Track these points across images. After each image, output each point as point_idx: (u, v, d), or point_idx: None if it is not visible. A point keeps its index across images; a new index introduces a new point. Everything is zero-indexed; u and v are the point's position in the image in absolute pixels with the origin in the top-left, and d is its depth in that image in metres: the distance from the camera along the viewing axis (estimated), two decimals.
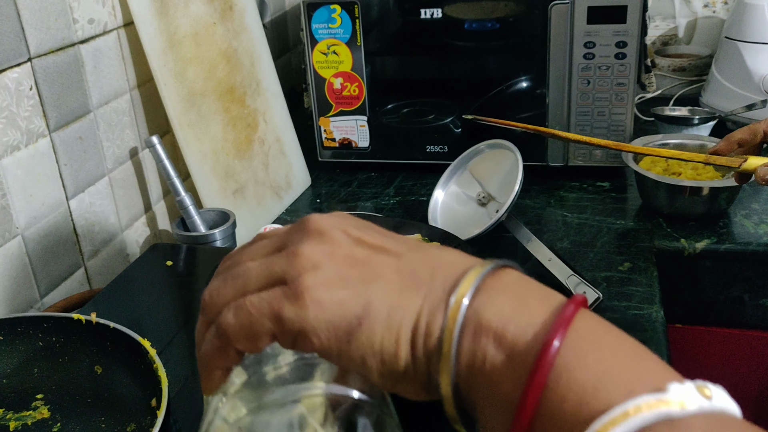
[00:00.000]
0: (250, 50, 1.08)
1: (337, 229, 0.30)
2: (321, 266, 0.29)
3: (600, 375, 0.25)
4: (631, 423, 0.24)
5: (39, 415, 0.56)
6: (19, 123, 0.74)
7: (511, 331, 0.27)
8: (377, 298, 0.28)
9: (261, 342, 0.30)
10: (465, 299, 0.28)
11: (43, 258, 0.78)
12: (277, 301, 0.29)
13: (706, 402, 0.25)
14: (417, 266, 0.30)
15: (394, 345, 0.28)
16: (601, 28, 1.05)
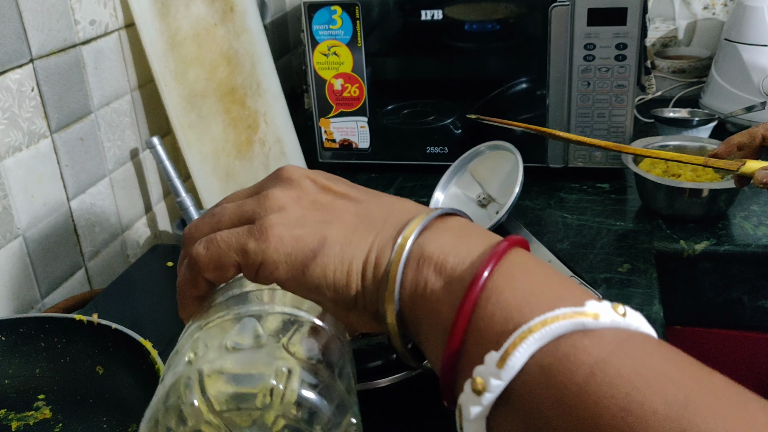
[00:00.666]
0: (250, 51, 1.09)
1: (306, 178, 0.35)
2: (286, 208, 0.33)
3: (526, 295, 0.28)
4: (547, 330, 0.26)
5: (41, 416, 0.56)
6: (21, 124, 0.74)
7: (451, 262, 0.30)
8: (333, 236, 0.32)
9: (227, 272, 0.33)
10: (412, 236, 0.31)
11: (44, 258, 0.78)
12: (243, 236, 0.32)
13: (620, 318, 0.27)
14: (374, 210, 0.33)
15: (346, 276, 0.31)
16: (601, 30, 1.05)
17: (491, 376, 0.26)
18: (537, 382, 0.26)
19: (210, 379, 0.28)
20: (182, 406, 0.28)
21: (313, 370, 0.30)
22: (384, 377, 0.64)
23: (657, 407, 0.23)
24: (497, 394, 0.26)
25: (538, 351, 0.26)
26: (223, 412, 0.28)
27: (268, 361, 0.29)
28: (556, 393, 0.25)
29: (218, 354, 0.30)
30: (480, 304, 0.28)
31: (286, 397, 0.28)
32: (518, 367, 0.26)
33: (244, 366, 0.29)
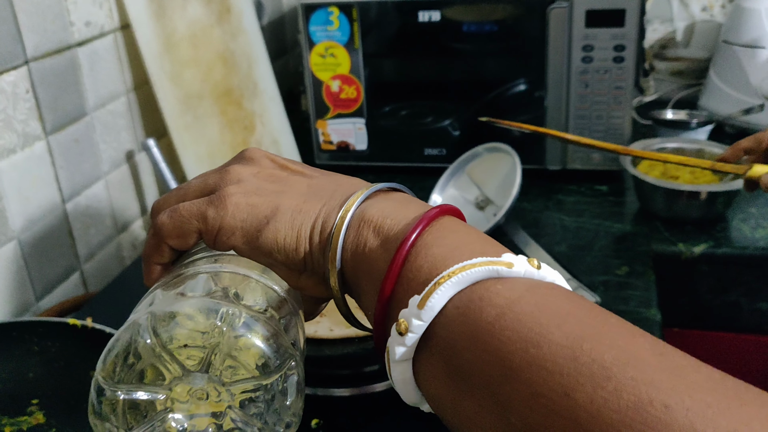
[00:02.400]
0: (247, 52, 1.08)
1: (265, 157, 0.38)
2: (244, 180, 0.36)
3: (451, 249, 0.30)
4: (464, 275, 0.29)
5: (34, 420, 0.56)
6: (16, 126, 0.73)
7: (388, 224, 0.33)
8: (285, 204, 0.35)
9: (189, 238, 0.36)
10: (355, 203, 0.34)
11: (39, 261, 0.78)
12: (204, 204, 0.36)
13: (533, 270, 0.29)
14: (324, 184, 0.37)
15: (295, 241, 0.34)
16: (599, 32, 1.05)
17: (413, 317, 0.29)
18: (453, 322, 0.28)
19: (162, 320, 0.31)
20: (136, 344, 0.31)
21: (257, 318, 0.32)
22: (380, 382, 0.64)
23: (556, 339, 0.26)
24: (419, 335, 0.29)
25: (456, 295, 0.29)
26: (173, 349, 0.31)
27: (216, 306, 0.32)
28: (469, 331, 0.28)
29: (171, 300, 0.33)
30: (409, 259, 0.31)
31: (230, 337, 0.31)
32: (437, 309, 0.29)
33: (193, 309, 0.32)
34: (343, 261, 0.33)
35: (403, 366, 0.30)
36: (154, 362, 0.31)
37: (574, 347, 0.25)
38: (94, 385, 0.32)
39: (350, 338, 0.63)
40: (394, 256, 0.31)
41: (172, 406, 0.31)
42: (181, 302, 0.32)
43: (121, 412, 0.31)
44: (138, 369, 0.31)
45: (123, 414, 0.31)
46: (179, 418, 0.31)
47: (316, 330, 0.64)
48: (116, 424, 0.31)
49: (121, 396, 0.31)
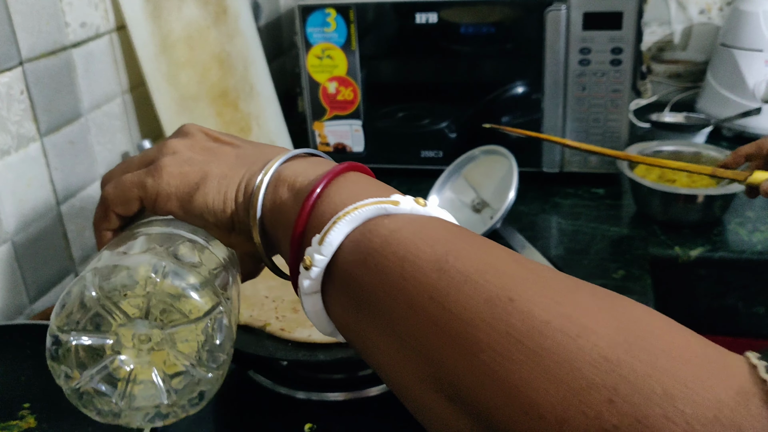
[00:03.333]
0: (243, 54, 1.08)
1: (200, 131, 0.42)
2: (178, 151, 0.40)
3: (350, 196, 0.35)
4: (357, 214, 0.33)
5: (26, 425, 0.56)
6: (10, 127, 0.73)
7: (299, 181, 0.37)
8: (212, 171, 0.39)
9: (132, 205, 0.41)
10: (273, 167, 0.38)
11: (33, 263, 0.77)
12: (143, 174, 0.40)
13: (419, 207, 0.34)
14: (251, 153, 0.40)
15: (222, 203, 0.38)
16: (596, 34, 1.04)
17: (316, 253, 0.33)
18: (349, 253, 0.33)
19: (104, 274, 0.36)
20: (83, 297, 0.35)
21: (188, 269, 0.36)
22: (375, 386, 0.64)
23: (426, 256, 0.30)
24: (322, 268, 0.33)
25: (351, 232, 0.33)
26: (115, 299, 0.35)
27: (151, 260, 0.36)
28: (360, 258, 0.32)
29: (114, 257, 0.37)
30: (315, 207, 0.35)
31: (163, 287, 0.35)
32: (335, 244, 0.33)
33: (132, 263, 0.36)
34: (263, 217, 0.38)
35: (313, 299, 0.34)
36: (100, 312, 0.35)
37: (440, 261, 0.30)
38: (50, 333, 0.35)
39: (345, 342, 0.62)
40: (302, 205, 0.35)
41: (120, 350, 0.36)
42: (122, 258, 0.37)
43: (74, 357, 0.36)
44: (87, 318, 0.35)
45: (77, 358, 0.36)
46: (126, 359, 0.36)
47: (310, 334, 0.64)
48: (71, 366, 0.36)
49: (73, 341, 0.35)
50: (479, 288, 0.28)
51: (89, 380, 0.36)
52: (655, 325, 0.27)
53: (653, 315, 0.27)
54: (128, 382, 0.36)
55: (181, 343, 0.36)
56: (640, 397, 0.24)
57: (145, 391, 0.36)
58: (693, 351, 0.26)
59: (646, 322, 0.27)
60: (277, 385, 0.64)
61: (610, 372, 0.25)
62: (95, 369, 0.36)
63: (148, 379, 0.36)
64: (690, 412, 0.23)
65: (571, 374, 0.25)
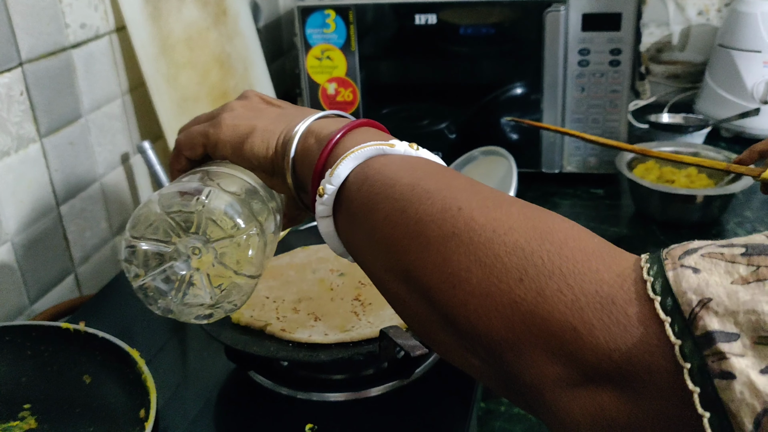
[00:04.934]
0: (243, 55, 1.08)
1: (255, 95, 0.52)
2: (234, 109, 0.50)
3: (358, 142, 0.42)
4: (359, 153, 0.41)
5: (26, 426, 0.56)
6: (10, 128, 0.73)
7: (324, 132, 0.45)
8: (258, 125, 0.48)
9: (197, 150, 0.50)
10: (308, 121, 0.46)
11: (33, 264, 0.77)
12: (207, 126, 0.50)
13: (411, 150, 0.42)
14: (291, 113, 0.49)
15: (265, 151, 0.47)
16: (595, 35, 1.05)
17: (327, 183, 0.41)
18: (351, 182, 0.41)
19: (165, 196, 0.44)
20: (149, 213, 0.44)
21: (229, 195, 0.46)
22: (375, 386, 0.64)
23: (404, 181, 0.38)
24: (332, 195, 0.41)
25: (355, 167, 0.41)
26: (173, 213, 0.44)
27: (200, 186, 0.45)
28: (357, 186, 0.40)
29: (174, 184, 0.46)
30: (333, 150, 0.43)
31: (208, 206, 0.44)
32: (342, 176, 0.41)
33: (185, 188, 0.45)
34: (294, 160, 0.46)
35: (326, 222, 0.42)
36: (162, 225, 0.44)
37: (413, 184, 0.38)
38: (124, 239, 0.45)
39: (345, 343, 0.63)
40: (322, 149, 0.43)
41: (177, 257, 0.44)
42: (180, 184, 0.46)
43: (142, 260, 0.45)
44: (152, 229, 0.44)
45: (144, 261, 0.45)
46: (180, 265, 0.45)
47: (310, 335, 0.64)
48: (138, 265, 0.45)
49: (141, 246, 0.44)
50: (437, 201, 0.36)
51: (152, 279, 0.45)
52: (564, 226, 0.34)
53: (565, 221, 0.35)
54: (182, 284, 0.45)
55: (222, 253, 0.44)
56: (543, 277, 0.31)
57: (194, 292, 0.45)
58: (589, 245, 0.33)
59: (558, 225, 0.34)
60: (277, 386, 0.65)
61: (522, 258, 0.32)
62: (157, 271, 0.45)
63: (196, 282, 0.45)
64: (576, 286, 0.31)
65: (492, 259, 0.33)
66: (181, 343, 0.74)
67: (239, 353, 0.62)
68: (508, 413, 0.65)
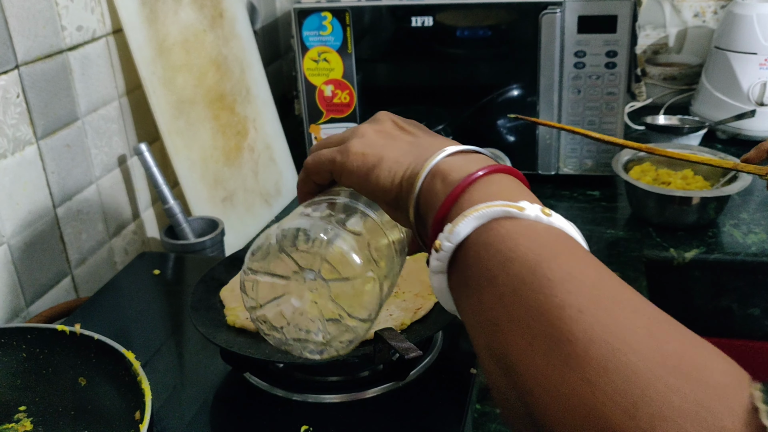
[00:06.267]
0: (240, 57, 1.08)
1: (389, 119, 0.49)
2: (365, 135, 0.47)
3: (487, 195, 0.39)
4: (484, 212, 0.37)
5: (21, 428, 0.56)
6: (6, 131, 0.73)
7: (452, 174, 0.41)
8: (387, 156, 0.45)
9: (324, 176, 0.49)
10: (436, 158, 0.43)
11: (30, 266, 0.77)
12: (334, 152, 0.48)
13: (543, 216, 0.37)
14: (423, 143, 0.46)
15: (390, 183, 0.44)
16: (591, 38, 1.05)
17: (445, 240, 0.38)
18: (471, 245, 0.38)
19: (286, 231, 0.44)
20: (269, 247, 0.44)
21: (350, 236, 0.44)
22: (371, 388, 0.64)
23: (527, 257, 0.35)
24: (448, 253, 0.38)
25: (478, 227, 0.38)
26: (290, 250, 0.44)
27: (323, 224, 0.44)
28: (476, 250, 0.37)
29: (296, 218, 0.46)
30: (458, 199, 0.40)
31: (328, 246, 0.43)
32: (462, 234, 0.38)
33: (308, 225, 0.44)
34: (418, 199, 0.43)
35: (439, 278, 0.40)
36: (280, 258, 0.44)
37: (535, 265, 0.34)
38: (243, 270, 0.45)
39: None
40: (446, 197, 0.40)
41: (291, 291, 0.44)
42: (303, 219, 0.45)
43: (258, 292, 0.45)
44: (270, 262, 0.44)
45: (260, 292, 0.45)
46: (294, 300, 0.45)
47: None
48: (254, 298, 0.45)
49: (258, 278, 0.45)
50: (558, 293, 0.33)
51: (267, 311, 0.45)
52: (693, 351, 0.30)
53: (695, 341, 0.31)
54: (295, 319, 0.45)
55: (336, 294, 0.44)
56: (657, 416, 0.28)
57: (307, 327, 0.45)
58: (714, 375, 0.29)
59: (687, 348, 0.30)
60: (273, 388, 0.65)
61: (638, 387, 0.29)
62: (271, 303, 0.45)
63: (309, 319, 0.45)
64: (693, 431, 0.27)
65: (604, 381, 0.29)
66: (177, 345, 0.74)
67: (235, 355, 0.62)
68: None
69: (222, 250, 0.92)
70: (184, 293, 0.80)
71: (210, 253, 0.90)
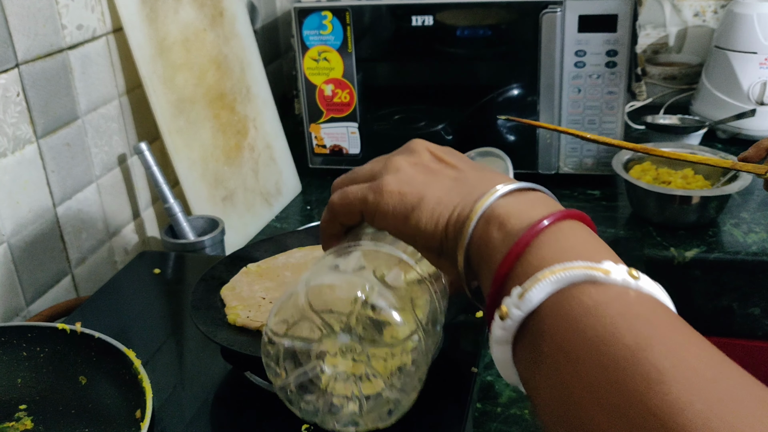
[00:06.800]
0: (240, 56, 1.08)
1: (426, 150, 0.43)
2: (401, 170, 0.41)
3: (560, 251, 0.33)
4: (563, 276, 0.31)
5: (22, 426, 0.56)
6: (6, 129, 0.73)
7: (511, 222, 0.36)
8: (429, 195, 0.39)
9: (354, 217, 0.42)
10: (489, 200, 0.37)
11: (30, 265, 0.77)
12: (366, 190, 0.41)
13: (631, 280, 0.31)
14: (470, 178, 0.40)
15: (433, 227, 0.39)
16: (591, 37, 1.05)
17: (513, 306, 0.32)
18: (546, 315, 0.31)
19: (315, 289, 0.38)
20: (296, 306, 0.38)
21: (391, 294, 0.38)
22: None
23: (626, 341, 0.28)
24: (517, 322, 0.32)
25: (554, 293, 0.31)
26: (321, 312, 0.37)
27: (359, 282, 0.38)
28: (555, 324, 0.31)
29: (326, 272, 0.40)
30: (523, 255, 0.34)
31: (366, 307, 0.37)
32: (535, 301, 0.32)
33: (341, 282, 0.38)
34: (470, 250, 0.37)
35: (503, 348, 0.34)
36: (308, 321, 0.38)
37: (635, 350, 0.28)
38: (265, 333, 0.39)
39: None
40: (508, 251, 0.34)
41: (323, 357, 0.38)
42: (335, 275, 0.39)
43: (283, 358, 0.39)
44: (297, 325, 0.38)
45: (285, 359, 0.39)
46: (327, 367, 0.39)
47: None
48: (279, 366, 0.39)
49: (283, 344, 0.39)
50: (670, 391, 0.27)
51: (293, 381, 0.39)
52: None
53: None
54: (327, 388, 0.39)
55: (376, 361, 0.38)
56: None
57: (339, 398, 0.39)
58: None
59: None
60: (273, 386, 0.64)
61: None
62: (299, 371, 0.39)
63: (343, 388, 0.39)
64: None
65: None
66: (178, 344, 0.74)
67: (236, 354, 0.62)
68: (504, 415, 0.65)
69: (222, 250, 0.92)
70: (184, 292, 0.80)
71: (210, 252, 0.90)
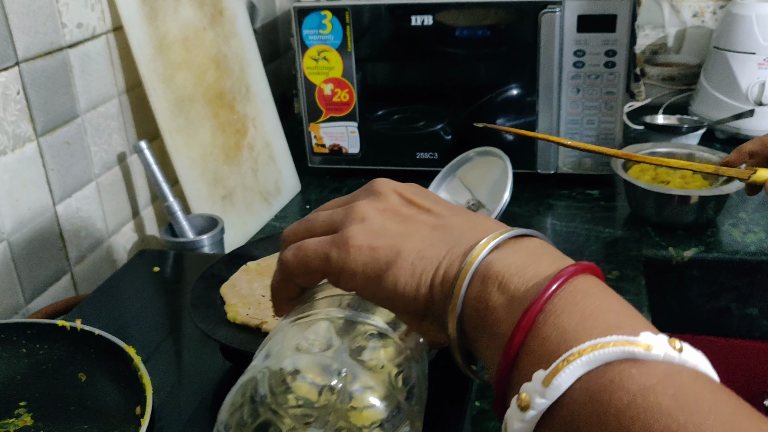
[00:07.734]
0: (240, 55, 1.08)
1: (393, 192, 0.36)
2: (368, 219, 0.34)
3: (583, 319, 0.28)
4: (596, 355, 0.26)
5: (22, 423, 0.56)
6: (6, 127, 0.73)
7: (515, 282, 0.30)
8: (407, 249, 0.33)
9: (313, 277, 0.36)
10: (481, 254, 0.31)
11: (29, 263, 0.77)
12: (327, 244, 0.34)
13: (674, 353, 0.27)
14: (453, 226, 0.34)
15: (415, 289, 0.32)
16: (590, 37, 1.05)
17: (536, 394, 0.27)
18: (579, 403, 0.26)
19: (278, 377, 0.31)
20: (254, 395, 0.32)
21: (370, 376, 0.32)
22: None
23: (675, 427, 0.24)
24: (540, 412, 0.27)
25: (585, 375, 0.26)
26: (288, 408, 0.31)
27: (332, 365, 0.31)
28: (596, 415, 0.25)
29: (290, 353, 0.33)
30: (536, 325, 0.28)
31: (344, 396, 0.31)
32: (563, 388, 0.26)
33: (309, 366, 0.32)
34: (464, 314, 0.31)
35: None
36: (269, 416, 0.31)
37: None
38: (216, 428, 0.32)
39: None
40: (519, 322, 0.28)
41: None
42: (298, 358, 0.32)
43: None
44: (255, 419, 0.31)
45: None
46: None
47: None
48: None
49: None
50: None
51: None
52: None
53: None
54: None
55: None
56: None
57: None
58: None
59: None
60: None
61: None
62: None
63: None
64: None
65: None
66: (177, 342, 0.74)
67: (235, 352, 0.62)
68: None
69: (221, 248, 0.92)
70: (183, 290, 0.80)
71: (209, 251, 0.90)
